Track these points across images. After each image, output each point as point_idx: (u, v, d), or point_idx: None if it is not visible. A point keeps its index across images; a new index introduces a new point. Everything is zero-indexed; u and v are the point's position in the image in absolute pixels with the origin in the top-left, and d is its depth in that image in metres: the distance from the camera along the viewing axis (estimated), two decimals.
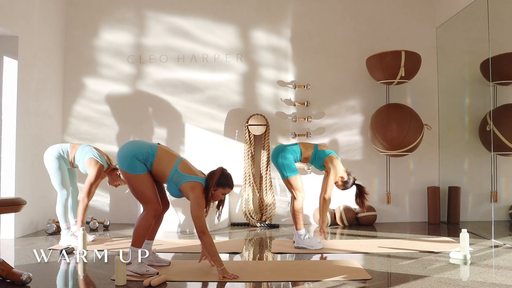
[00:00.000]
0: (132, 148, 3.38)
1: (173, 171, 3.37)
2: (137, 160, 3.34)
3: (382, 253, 4.21)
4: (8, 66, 4.95)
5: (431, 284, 3.18)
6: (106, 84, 6.07)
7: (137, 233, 3.39)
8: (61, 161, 4.51)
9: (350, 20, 6.13)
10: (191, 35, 6.10)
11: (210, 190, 3.37)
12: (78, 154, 4.50)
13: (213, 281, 3.30)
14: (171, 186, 3.42)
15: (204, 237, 3.30)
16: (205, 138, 6.01)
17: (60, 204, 4.52)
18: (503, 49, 5.24)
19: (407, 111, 5.69)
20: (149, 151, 3.38)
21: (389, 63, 5.55)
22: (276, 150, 4.48)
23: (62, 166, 4.51)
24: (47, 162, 4.53)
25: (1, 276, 3.19)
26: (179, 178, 3.36)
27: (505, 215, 5.64)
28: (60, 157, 4.50)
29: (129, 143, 3.49)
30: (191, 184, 3.34)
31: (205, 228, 3.30)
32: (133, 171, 3.33)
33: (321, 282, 3.24)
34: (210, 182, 3.37)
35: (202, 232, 3.29)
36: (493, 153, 5.36)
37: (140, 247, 3.40)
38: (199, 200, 3.31)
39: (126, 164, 3.34)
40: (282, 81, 6.08)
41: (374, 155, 6.05)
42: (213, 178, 3.38)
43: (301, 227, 4.39)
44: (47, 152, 4.56)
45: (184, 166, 3.41)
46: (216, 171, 3.43)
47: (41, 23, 5.44)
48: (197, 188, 3.33)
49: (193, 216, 3.30)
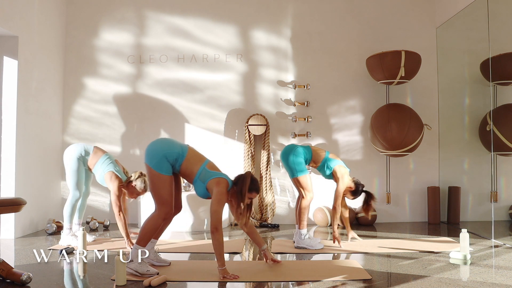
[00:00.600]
0: (164, 147, 3.41)
1: (201, 169, 3.40)
2: (166, 160, 3.37)
3: (382, 253, 4.21)
4: (8, 66, 4.95)
5: (431, 284, 3.18)
6: (106, 84, 6.07)
7: (144, 232, 3.41)
8: (81, 163, 4.50)
9: (350, 20, 6.13)
10: (191, 35, 6.10)
11: (246, 195, 3.41)
12: (98, 166, 4.48)
13: (213, 281, 3.30)
14: (198, 185, 3.43)
15: (216, 233, 3.30)
16: (205, 138, 6.01)
17: (69, 204, 4.52)
18: (503, 49, 5.24)
19: (407, 111, 5.69)
20: (179, 152, 3.42)
21: (389, 63, 5.55)
22: (287, 148, 4.49)
23: (80, 168, 4.51)
24: (67, 160, 4.52)
25: (1, 276, 3.19)
26: (206, 174, 3.39)
27: (505, 215, 5.64)
28: (80, 157, 4.50)
29: (161, 141, 3.52)
30: (217, 179, 3.37)
31: (219, 225, 3.30)
32: (159, 170, 3.36)
33: (321, 282, 3.24)
34: (244, 187, 3.39)
35: (215, 228, 3.29)
36: (493, 153, 5.36)
37: (144, 246, 3.41)
38: (221, 196, 3.34)
39: (154, 162, 3.36)
40: (282, 81, 6.08)
41: (374, 155, 6.05)
42: (246, 183, 3.41)
43: (303, 227, 4.40)
44: (69, 151, 4.54)
45: (212, 166, 3.46)
46: (246, 176, 3.45)
47: (41, 23, 5.44)
48: (222, 184, 3.36)
49: (211, 210, 3.32)
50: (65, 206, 4.54)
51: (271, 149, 5.99)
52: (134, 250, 3.40)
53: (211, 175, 3.38)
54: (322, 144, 6.02)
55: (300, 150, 4.42)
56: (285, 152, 4.46)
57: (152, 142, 3.52)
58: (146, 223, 3.43)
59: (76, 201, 4.53)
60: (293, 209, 6.03)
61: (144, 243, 3.41)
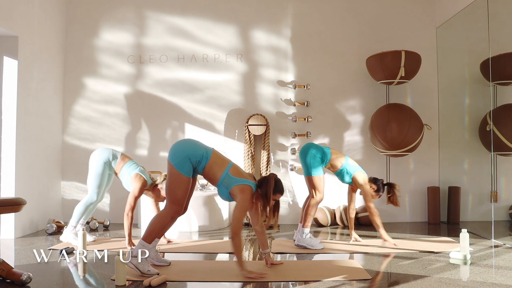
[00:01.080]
0: (189, 148, 3.45)
1: (224, 175, 3.43)
2: (189, 161, 3.40)
3: (382, 253, 4.21)
4: (8, 66, 4.95)
5: (431, 284, 3.18)
6: (106, 84, 6.07)
7: (151, 228, 3.43)
8: (106, 168, 4.51)
9: (350, 20, 6.13)
10: (191, 35, 6.10)
11: (271, 198, 3.45)
12: (124, 170, 4.49)
13: (213, 281, 3.30)
14: (221, 190, 3.48)
15: (236, 238, 3.33)
16: (205, 138, 6.00)
17: (83, 204, 4.52)
18: (503, 49, 5.24)
19: (407, 111, 5.69)
20: (203, 154, 3.45)
21: (389, 63, 5.55)
22: (307, 145, 4.51)
23: (105, 173, 4.52)
24: (93, 163, 4.52)
25: (1, 276, 3.19)
26: (229, 181, 3.42)
27: (505, 215, 5.64)
28: (107, 162, 4.50)
29: (187, 141, 3.58)
30: (241, 186, 3.40)
31: (239, 231, 3.35)
32: (180, 169, 3.39)
33: (321, 282, 3.25)
34: (268, 190, 3.43)
35: (236, 234, 3.33)
36: (493, 153, 5.36)
37: (150, 243, 3.43)
38: (245, 203, 3.39)
39: (177, 161, 3.40)
40: (282, 81, 6.08)
41: (374, 155, 6.05)
42: (270, 185, 3.44)
43: (307, 226, 4.41)
44: (97, 153, 4.54)
45: (234, 171, 3.48)
46: (270, 178, 3.48)
47: (41, 23, 5.44)
48: (247, 191, 3.40)
49: (234, 216, 3.36)
50: (79, 204, 4.55)
51: (271, 149, 5.99)
52: (139, 245, 3.41)
53: (234, 182, 3.42)
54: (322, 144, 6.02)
55: (320, 150, 4.44)
56: (305, 149, 4.48)
57: (178, 141, 3.59)
58: (154, 220, 3.46)
59: (91, 204, 4.54)
60: (293, 209, 6.03)
61: (150, 240, 3.43)
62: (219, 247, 4.47)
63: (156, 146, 6.04)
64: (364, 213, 5.78)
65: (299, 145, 6.01)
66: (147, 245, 3.42)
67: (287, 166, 6.03)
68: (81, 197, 5.91)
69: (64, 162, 6.00)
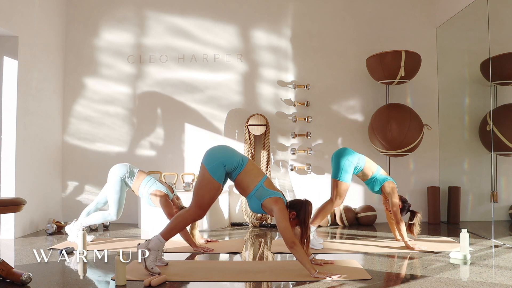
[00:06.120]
0: (225, 154, 3.46)
1: (258, 186, 3.43)
2: (223, 167, 3.41)
3: (382, 253, 4.21)
4: (8, 66, 4.95)
5: (431, 284, 3.18)
6: (106, 84, 6.07)
7: (172, 226, 3.44)
8: (123, 184, 4.51)
9: (350, 20, 6.13)
10: (191, 35, 6.10)
11: (309, 226, 3.43)
12: (142, 188, 4.49)
13: (213, 281, 3.30)
14: (252, 201, 3.46)
15: (295, 247, 3.30)
16: (205, 138, 6.01)
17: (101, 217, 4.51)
18: (503, 49, 5.24)
19: (407, 111, 5.69)
20: (239, 161, 3.45)
21: (389, 63, 5.55)
22: (344, 149, 4.50)
23: (123, 189, 4.51)
24: (111, 179, 4.51)
25: (1, 276, 3.19)
26: (263, 193, 3.41)
27: (505, 215, 5.64)
28: (124, 178, 4.50)
29: (224, 147, 3.59)
30: (274, 198, 3.39)
31: (294, 239, 3.32)
32: (213, 174, 3.39)
33: (321, 282, 3.24)
34: (307, 218, 3.41)
35: (293, 243, 3.29)
36: (493, 153, 5.36)
37: (167, 240, 3.44)
38: (284, 212, 3.36)
39: (212, 165, 3.40)
40: (282, 81, 6.08)
41: (374, 155, 6.04)
42: (308, 214, 3.42)
43: (314, 224, 4.41)
44: (115, 169, 4.52)
45: (268, 183, 3.47)
46: (307, 205, 3.45)
47: (41, 23, 5.44)
48: (280, 201, 3.39)
49: (281, 228, 3.32)
50: (97, 213, 4.54)
51: (271, 149, 5.99)
52: (157, 240, 3.40)
53: (268, 194, 3.40)
54: (322, 144, 6.03)
55: (356, 157, 4.44)
56: (340, 153, 4.47)
57: (215, 146, 3.61)
58: (176, 218, 3.47)
59: (107, 220, 4.53)
60: None
61: (168, 237, 3.44)
62: (218, 247, 4.47)
63: (156, 146, 6.04)
64: (364, 213, 5.78)
65: (299, 145, 6.01)
66: (163, 242, 3.43)
67: (287, 166, 6.03)
68: (81, 197, 5.92)
69: (64, 162, 6.00)
